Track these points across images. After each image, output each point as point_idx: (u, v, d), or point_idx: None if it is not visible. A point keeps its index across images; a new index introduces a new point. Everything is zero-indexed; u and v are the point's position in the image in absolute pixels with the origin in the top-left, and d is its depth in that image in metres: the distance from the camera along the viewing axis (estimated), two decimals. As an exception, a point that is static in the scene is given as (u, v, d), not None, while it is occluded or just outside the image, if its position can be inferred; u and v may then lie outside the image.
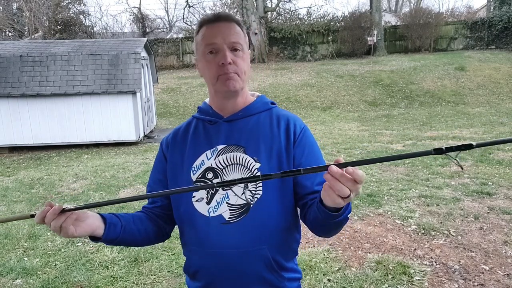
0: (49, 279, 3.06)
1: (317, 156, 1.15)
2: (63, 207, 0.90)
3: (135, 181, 5.84)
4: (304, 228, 1.25)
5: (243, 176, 1.07)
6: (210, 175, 1.11)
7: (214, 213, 1.09)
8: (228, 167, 1.10)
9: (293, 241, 1.17)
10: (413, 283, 2.81)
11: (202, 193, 1.10)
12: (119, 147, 9.23)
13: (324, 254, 3.29)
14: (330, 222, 0.94)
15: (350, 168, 0.77)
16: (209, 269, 1.11)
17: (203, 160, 1.13)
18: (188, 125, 1.22)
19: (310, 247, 3.45)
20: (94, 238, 1.04)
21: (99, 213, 1.04)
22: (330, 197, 0.83)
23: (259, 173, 1.07)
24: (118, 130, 9.26)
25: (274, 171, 1.04)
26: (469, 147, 0.68)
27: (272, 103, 1.23)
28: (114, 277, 3.08)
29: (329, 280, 2.89)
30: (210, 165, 1.11)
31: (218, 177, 1.10)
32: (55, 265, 3.33)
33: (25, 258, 3.47)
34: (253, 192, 1.08)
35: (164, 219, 1.22)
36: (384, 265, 3.04)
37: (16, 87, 8.88)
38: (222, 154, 1.12)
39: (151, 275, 3.10)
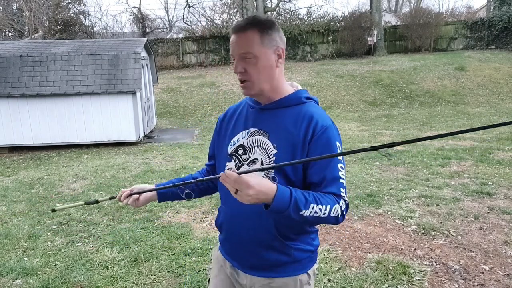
0: (49, 279, 3.06)
1: (330, 158, 1.22)
2: (130, 193, 1.42)
3: (135, 181, 5.83)
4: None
5: (262, 158, 1.29)
6: (240, 151, 1.35)
7: None
8: (254, 148, 1.31)
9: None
10: (413, 283, 2.81)
11: (232, 164, 1.36)
12: (119, 147, 9.23)
13: (324, 254, 3.28)
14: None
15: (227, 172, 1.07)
16: (228, 225, 1.40)
17: (238, 138, 1.36)
18: (238, 105, 1.46)
19: (310, 247, 3.45)
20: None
21: (156, 186, 1.45)
22: None
23: (274, 158, 1.26)
24: (118, 130, 9.26)
25: (288, 160, 1.23)
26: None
27: (308, 98, 1.34)
28: (114, 277, 3.08)
29: (329, 280, 2.89)
30: (242, 143, 1.35)
31: (246, 154, 1.33)
32: (55, 265, 3.33)
33: (25, 258, 3.47)
34: (267, 172, 1.27)
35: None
36: (384, 265, 3.04)
37: (16, 87, 8.88)
38: (252, 136, 1.33)
39: (151, 275, 3.10)
